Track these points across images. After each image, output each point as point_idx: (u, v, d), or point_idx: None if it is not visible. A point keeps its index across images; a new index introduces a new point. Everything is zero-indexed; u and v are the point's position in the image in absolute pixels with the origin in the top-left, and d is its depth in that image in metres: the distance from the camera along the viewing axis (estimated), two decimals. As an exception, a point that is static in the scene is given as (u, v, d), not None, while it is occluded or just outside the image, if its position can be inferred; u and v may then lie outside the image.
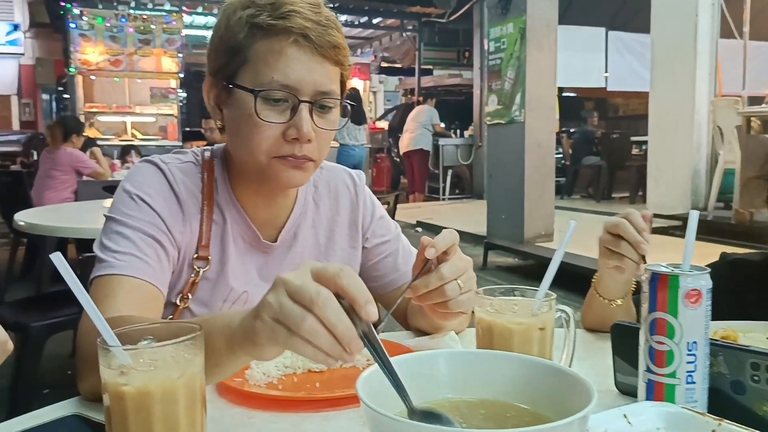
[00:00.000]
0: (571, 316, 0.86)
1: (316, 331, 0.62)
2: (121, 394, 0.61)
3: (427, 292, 0.92)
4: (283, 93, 0.98)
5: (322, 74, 1.00)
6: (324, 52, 0.99)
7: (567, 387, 0.63)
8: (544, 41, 5.92)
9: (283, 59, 0.97)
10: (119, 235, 1.01)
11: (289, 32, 0.97)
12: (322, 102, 1.01)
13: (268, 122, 0.99)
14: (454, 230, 0.93)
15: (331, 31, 1.00)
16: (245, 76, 1.00)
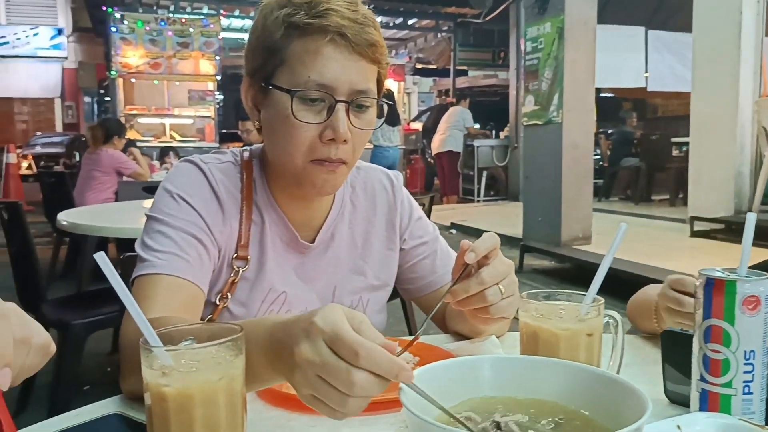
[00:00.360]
0: (620, 321, 0.83)
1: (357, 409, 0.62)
2: (163, 395, 0.61)
3: (467, 297, 0.90)
4: (320, 93, 0.97)
5: (359, 73, 0.99)
6: (360, 50, 0.98)
7: (619, 396, 0.61)
8: (582, 41, 5.83)
9: (320, 59, 0.96)
10: (161, 234, 1.01)
11: (326, 31, 0.96)
12: (359, 101, 1.00)
13: (305, 123, 0.98)
14: (494, 233, 0.91)
15: (368, 29, 0.99)
16: (282, 77, 0.99)
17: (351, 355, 0.60)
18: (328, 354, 0.61)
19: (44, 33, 18.85)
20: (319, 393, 0.62)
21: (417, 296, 1.27)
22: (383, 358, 0.60)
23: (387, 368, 0.60)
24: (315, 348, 0.62)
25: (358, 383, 0.60)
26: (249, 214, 1.09)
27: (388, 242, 1.23)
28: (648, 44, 9.96)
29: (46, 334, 0.61)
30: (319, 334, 0.62)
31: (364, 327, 0.63)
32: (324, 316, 0.63)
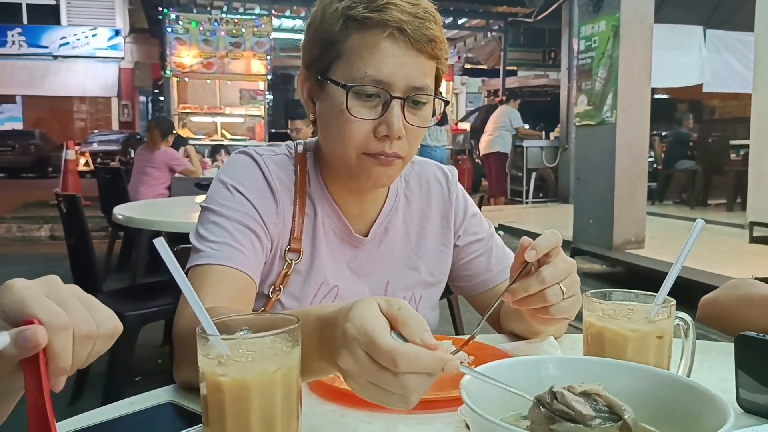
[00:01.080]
0: (691, 324, 0.79)
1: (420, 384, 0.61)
2: (219, 384, 0.60)
3: (527, 297, 0.87)
4: (375, 88, 0.96)
5: (416, 69, 0.96)
6: (419, 45, 0.95)
7: (696, 404, 0.57)
8: (638, 39, 5.67)
9: (377, 53, 0.95)
10: (215, 224, 1.01)
11: (385, 25, 0.94)
12: (415, 98, 0.98)
13: (360, 118, 0.96)
14: (557, 231, 0.87)
15: (429, 24, 0.96)
16: (338, 70, 0.98)
17: (390, 363, 0.59)
18: (370, 363, 0.61)
19: (102, 34, 19.49)
20: (378, 395, 0.62)
21: (471, 294, 1.24)
22: (424, 358, 0.60)
23: (431, 366, 0.60)
24: (355, 358, 0.62)
25: (409, 386, 0.60)
26: (302, 207, 1.08)
27: (442, 238, 1.20)
28: (707, 43, 9.65)
29: (110, 320, 0.59)
30: (354, 342, 0.62)
31: (404, 314, 0.62)
32: (356, 320, 0.62)
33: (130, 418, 0.78)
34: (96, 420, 0.77)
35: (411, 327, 0.62)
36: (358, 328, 0.61)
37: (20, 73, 18.87)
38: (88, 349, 0.57)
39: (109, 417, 0.78)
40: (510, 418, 0.62)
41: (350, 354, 0.62)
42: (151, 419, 0.78)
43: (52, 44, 19.29)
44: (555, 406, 0.60)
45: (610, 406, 0.59)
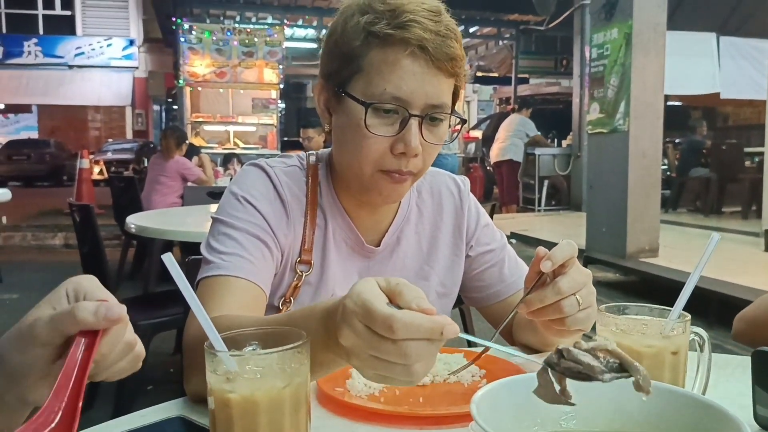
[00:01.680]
0: (706, 339, 0.77)
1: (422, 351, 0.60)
2: (227, 401, 0.60)
3: (542, 308, 0.86)
4: (394, 105, 0.96)
5: (435, 87, 0.96)
6: (440, 64, 0.95)
7: (712, 423, 0.56)
8: (651, 46, 5.64)
9: (398, 71, 0.94)
10: (225, 236, 1.01)
11: (407, 43, 0.93)
12: (433, 115, 0.98)
13: (377, 135, 0.97)
14: (572, 242, 0.86)
15: (450, 42, 0.96)
16: (357, 85, 0.98)
17: (387, 330, 0.59)
18: (368, 333, 0.61)
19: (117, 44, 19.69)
20: (381, 370, 0.62)
21: (484, 305, 1.23)
22: (421, 322, 0.59)
23: (429, 331, 0.59)
24: (354, 331, 0.62)
25: (410, 353, 0.60)
26: (313, 218, 1.08)
27: (454, 248, 1.20)
28: (720, 50, 9.59)
29: (140, 343, 0.63)
30: (352, 315, 0.62)
31: (401, 288, 0.62)
32: (354, 294, 0.62)
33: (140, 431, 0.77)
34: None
35: (406, 295, 0.62)
36: (356, 301, 0.62)
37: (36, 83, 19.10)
38: (123, 360, 0.61)
39: (119, 430, 0.77)
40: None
41: (350, 328, 0.62)
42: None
43: (68, 54, 19.51)
44: (563, 365, 0.58)
45: (622, 362, 0.57)
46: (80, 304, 0.56)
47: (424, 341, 0.60)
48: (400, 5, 0.94)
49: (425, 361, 0.61)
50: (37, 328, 0.56)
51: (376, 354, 0.61)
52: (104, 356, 0.58)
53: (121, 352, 0.60)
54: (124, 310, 0.58)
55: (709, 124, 11.42)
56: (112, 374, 0.61)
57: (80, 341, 0.55)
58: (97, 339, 0.56)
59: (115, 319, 0.57)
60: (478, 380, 0.95)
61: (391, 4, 0.95)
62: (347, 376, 0.92)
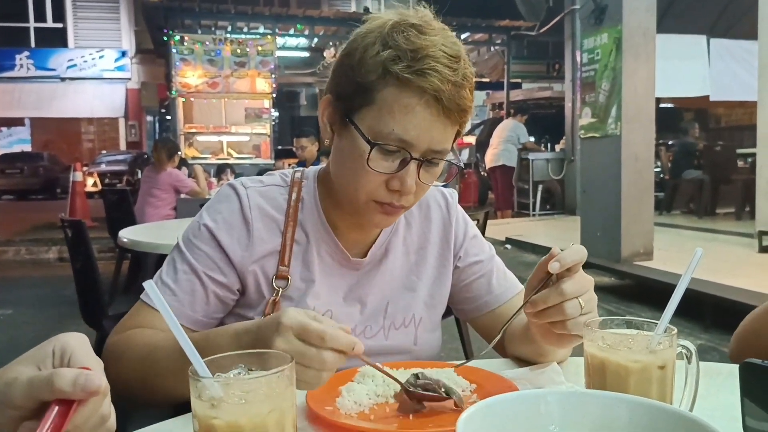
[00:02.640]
0: (693, 352, 0.77)
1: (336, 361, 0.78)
2: (212, 427, 0.59)
3: (545, 309, 0.87)
4: (397, 147, 0.97)
5: (441, 134, 0.98)
6: (450, 114, 0.97)
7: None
8: (641, 50, 5.67)
9: (409, 115, 0.95)
10: (173, 268, 1.08)
11: (423, 92, 0.94)
12: (432, 158, 1.00)
13: (377, 171, 0.98)
14: (582, 247, 0.88)
15: (463, 92, 0.97)
16: (366, 118, 0.98)
17: (318, 339, 0.77)
18: (299, 343, 0.77)
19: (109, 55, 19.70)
20: (299, 374, 0.73)
21: (473, 317, 1.24)
22: (343, 337, 0.78)
23: (347, 344, 0.77)
24: (288, 341, 0.77)
25: (328, 360, 0.77)
26: (293, 235, 1.10)
27: (442, 260, 1.21)
28: (711, 52, 9.65)
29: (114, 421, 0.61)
30: (288, 329, 0.78)
31: (322, 318, 0.80)
32: (289, 316, 0.79)
33: (127, 456, 0.77)
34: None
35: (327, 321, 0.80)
36: (292, 319, 0.78)
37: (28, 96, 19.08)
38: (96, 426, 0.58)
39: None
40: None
41: (283, 339, 0.77)
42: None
43: (60, 66, 19.50)
44: (419, 383, 0.87)
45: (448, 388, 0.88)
46: (59, 372, 0.54)
47: (338, 354, 0.77)
48: (423, 47, 0.94)
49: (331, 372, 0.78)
50: (14, 390, 0.54)
51: (298, 360, 0.74)
52: (77, 428, 0.56)
53: (94, 425, 0.57)
54: (104, 382, 0.56)
55: (701, 126, 11.47)
56: None
57: (54, 409, 0.53)
58: (71, 409, 0.54)
59: (93, 390, 0.54)
60: (469, 395, 0.95)
61: (415, 43, 0.94)
62: (337, 394, 0.92)
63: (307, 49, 14.35)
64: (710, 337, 4.02)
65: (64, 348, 0.58)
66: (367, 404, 0.91)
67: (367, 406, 0.90)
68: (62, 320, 4.73)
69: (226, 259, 1.07)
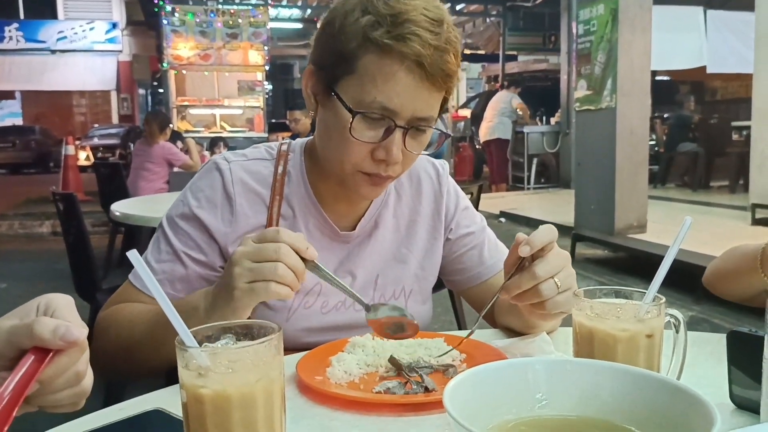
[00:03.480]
0: (682, 321, 0.77)
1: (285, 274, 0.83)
2: (199, 396, 0.59)
3: (522, 293, 0.87)
4: (381, 115, 0.96)
5: (425, 101, 0.96)
6: (434, 79, 0.95)
7: (683, 407, 0.56)
8: (638, 22, 5.62)
9: (391, 82, 0.94)
10: (157, 247, 1.09)
11: (404, 57, 0.92)
12: (417, 126, 0.98)
13: (361, 141, 0.97)
14: (552, 226, 0.87)
15: (447, 57, 0.94)
16: (348, 87, 0.97)
17: (273, 234, 0.85)
18: (254, 264, 0.84)
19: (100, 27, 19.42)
20: (254, 273, 0.84)
21: (464, 288, 1.24)
22: (297, 236, 0.86)
23: (300, 242, 0.85)
24: (246, 245, 0.85)
25: (282, 251, 0.83)
26: (279, 210, 1.09)
27: (433, 232, 1.20)
28: (708, 24, 9.57)
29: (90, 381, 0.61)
30: (243, 256, 0.85)
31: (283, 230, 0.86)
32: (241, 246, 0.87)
33: (118, 425, 0.77)
34: (85, 428, 0.77)
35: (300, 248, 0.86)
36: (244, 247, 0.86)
37: (18, 69, 18.84)
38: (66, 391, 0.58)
39: (96, 425, 0.77)
40: (494, 427, 0.61)
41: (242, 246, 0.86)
42: (138, 426, 0.77)
43: (50, 39, 19.23)
44: None
45: None
46: (40, 319, 0.54)
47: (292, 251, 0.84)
48: (403, 12, 0.92)
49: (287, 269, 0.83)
50: None
51: (256, 258, 0.84)
52: (50, 378, 0.56)
53: (68, 381, 0.57)
54: (83, 335, 0.56)
55: (697, 99, 11.45)
56: (50, 403, 0.58)
57: (30, 357, 0.53)
58: (47, 358, 0.54)
59: (71, 341, 0.54)
60: (459, 364, 0.95)
61: (394, 8, 0.93)
62: (327, 365, 0.92)
63: (301, 20, 14.20)
64: (702, 309, 4.05)
65: (48, 304, 0.58)
66: (357, 373, 0.91)
67: (357, 376, 0.91)
68: (57, 294, 4.72)
69: (209, 237, 1.07)
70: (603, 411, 0.62)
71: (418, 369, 0.91)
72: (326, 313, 1.12)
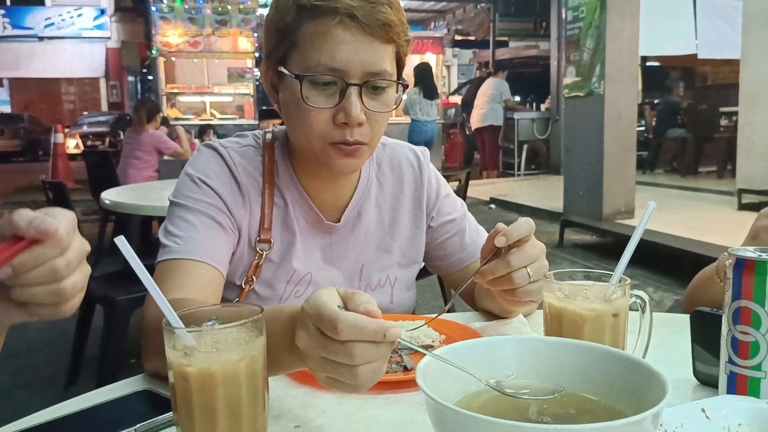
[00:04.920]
0: (647, 301, 0.81)
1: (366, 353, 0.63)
2: (185, 374, 0.62)
3: (496, 278, 0.90)
4: (331, 76, 0.96)
5: (371, 54, 0.96)
6: (372, 30, 0.95)
7: (641, 379, 0.60)
8: (626, 8, 5.64)
9: (330, 41, 0.95)
10: (181, 219, 1.03)
11: (335, 12, 0.94)
12: (373, 83, 0.98)
13: (316, 107, 0.97)
14: (530, 220, 0.90)
15: (381, 8, 0.96)
16: (294, 60, 0.99)
17: (332, 330, 0.62)
18: (319, 334, 0.64)
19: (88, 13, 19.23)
20: (330, 371, 0.65)
21: (447, 273, 1.27)
22: (363, 323, 0.62)
23: (372, 332, 0.62)
24: (308, 332, 0.65)
25: (355, 353, 0.62)
26: (271, 197, 1.09)
27: (415, 219, 1.22)
28: (697, 9, 9.59)
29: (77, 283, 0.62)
30: (307, 318, 0.65)
31: (353, 294, 0.66)
32: (311, 299, 0.65)
33: (108, 405, 0.80)
34: (76, 407, 0.80)
35: (356, 300, 0.64)
36: (311, 304, 0.64)
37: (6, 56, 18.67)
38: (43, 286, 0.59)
39: (88, 404, 0.80)
40: (463, 400, 0.64)
41: (304, 330, 0.65)
42: (127, 406, 0.80)
43: (37, 25, 19.04)
44: None
45: None
46: (20, 210, 0.58)
47: (370, 344, 0.62)
48: None
49: (372, 364, 0.63)
50: None
51: (325, 355, 0.64)
52: (24, 267, 0.58)
53: (43, 276, 0.59)
54: (61, 230, 0.58)
55: (687, 84, 11.48)
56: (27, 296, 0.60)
57: (5, 242, 0.57)
58: (22, 245, 0.57)
59: (43, 230, 0.57)
60: (438, 344, 0.99)
61: None
62: (312, 346, 0.95)
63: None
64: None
65: (48, 210, 0.61)
66: (340, 355, 0.94)
67: (340, 358, 0.94)
68: (48, 282, 4.73)
69: (227, 210, 1.05)
70: (566, 382, 0.65)
71: (398, 350, 0.94)
72: None
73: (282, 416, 0.78)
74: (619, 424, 0.52)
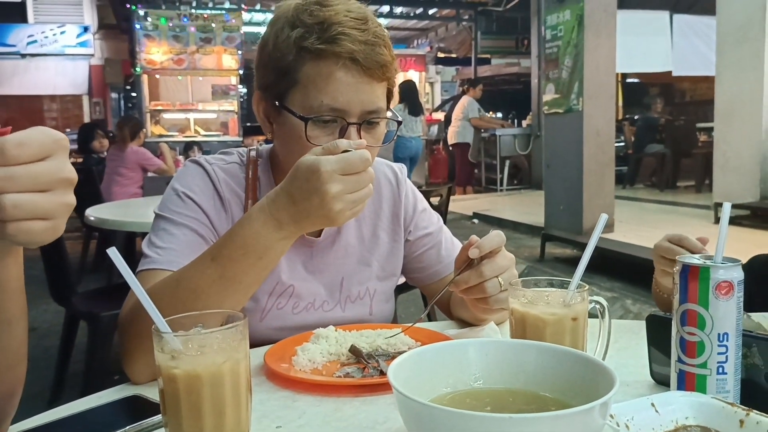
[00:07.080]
0: (606, 307, 0.87)
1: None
2: (173, 376, 0.67)
3: (469, 288, 0.96)
4: (332, 116, 1.02)
5: (370, 94, 1.03)
6: (371, 72, 1.02)
7: (592, 375, 0.65)
8: (603, 28, 5.78)
9: (333, 83, 1.00)
10: (164, 231, 1.07)
11: (338, 56, 0.99)
12: (369, 119, 1.05)
13: (318, 146, 1.01)
14: (501, 233, 0.96)
15: (379, 49, 1.02)
16: (295, 98, 1.03)
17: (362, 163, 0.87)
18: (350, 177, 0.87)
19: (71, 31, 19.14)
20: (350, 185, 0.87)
21: (424, 284, 1.33)
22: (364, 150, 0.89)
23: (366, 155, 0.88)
24: (340, 181, 0.86)
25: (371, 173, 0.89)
26: None
27: (393, 234, 1.27)
28: (674, 28, 9.81)
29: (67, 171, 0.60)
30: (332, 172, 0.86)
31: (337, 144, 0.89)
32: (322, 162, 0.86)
33: (97, 410, 0.84)
34: (65, 413, 0.83)
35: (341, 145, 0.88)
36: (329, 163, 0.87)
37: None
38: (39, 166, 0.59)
39: (77, 410, 0.84)
40: (433, 399, 0.69)
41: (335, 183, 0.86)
42: (116, 411, 0.84)
43: (20, 42, 18.91)
44: None
45: None
46: None
47: None
48: (328, 17, 1.00)
49: None
50: None
51: (345, 171, 0.86)
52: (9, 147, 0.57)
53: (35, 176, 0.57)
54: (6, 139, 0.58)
55: (666, 101, 11.68)
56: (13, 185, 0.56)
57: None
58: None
59: None
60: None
61: (319, 16, 1.00)
62: (293, 354, 1.00)
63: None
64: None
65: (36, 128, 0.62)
66: (321, 362, 0.99)
67: (320, 364, 0.99)
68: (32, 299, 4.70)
69: (210, 224, 1.10)
70: (528, 383, 0.71)
71: (376, 356, 0.99)
72: (297, 313, 1.18)
73: (265, 417, 0.82)
74: (569, 412, 0.57)
